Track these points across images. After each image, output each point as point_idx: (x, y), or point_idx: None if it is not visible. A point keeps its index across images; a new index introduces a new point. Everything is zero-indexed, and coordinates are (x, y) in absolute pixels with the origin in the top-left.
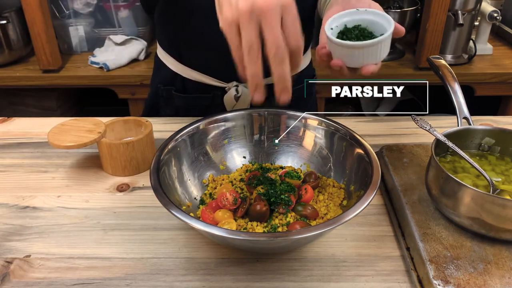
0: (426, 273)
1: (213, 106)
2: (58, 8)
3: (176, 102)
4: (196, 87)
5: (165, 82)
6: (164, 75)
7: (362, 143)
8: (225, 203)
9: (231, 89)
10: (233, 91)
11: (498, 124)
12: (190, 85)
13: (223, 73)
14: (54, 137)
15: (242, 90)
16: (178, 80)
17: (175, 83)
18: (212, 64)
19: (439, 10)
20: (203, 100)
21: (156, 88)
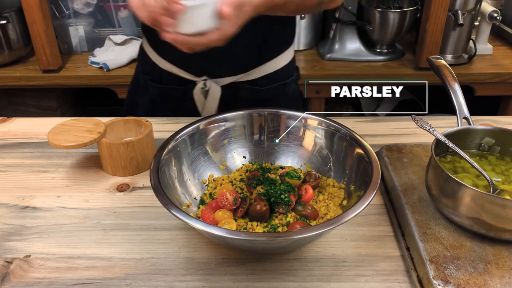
0: (426, 273)
1: (185, 99)
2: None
3: (150, 92)
4: (171, 78)
5: (144, 71)
6: (145, 64)
7: (362, 143)
8: (225, 203)
9: (199, 83)
10: (201, 85)
11: (498, 124)
12: (165, 76)
13: (195, 67)
14: (54, 137)
15: (210, 84)
16: (156, 70)
17: (153, 72)
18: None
19: (439, 10)
20: (175, 92)
21: (136, 74)
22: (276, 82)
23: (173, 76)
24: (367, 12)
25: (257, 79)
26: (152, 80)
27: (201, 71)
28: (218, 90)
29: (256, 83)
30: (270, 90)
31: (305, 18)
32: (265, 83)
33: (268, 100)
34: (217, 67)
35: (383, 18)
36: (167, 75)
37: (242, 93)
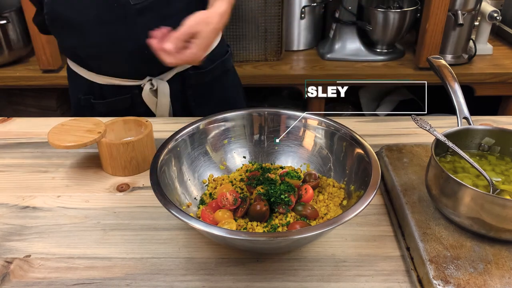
0: (426, 273)
1: (135, 106)
2: None
3: (97, 110)
4: (114, 91)
5: (84, 91)
6: (81, 85)
7: (362, 143)
8: (225, 203)
9: (145, 85)
10: (148, 86)
11: (498, 124)
12: (107, 90)
13: (134, 72)
14: (54, 137)
15: (157, 82)
16: (95, 87)
17: (93, 91)
18: (120, 67)
19: (439, 10)
20: (123, 102)
21: (77, 100)
22: (216, 59)
23: (116, 87)
24: (367, 12)
25: None
26: (96, 98)
27: (142, 73)
28: (166, 85)
29: (199, 67)
30: (213, 70)
31: (305, 18)
32: (207, 64)
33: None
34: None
35: (383, 18)
36: (109, 89)
37: (189, 81)
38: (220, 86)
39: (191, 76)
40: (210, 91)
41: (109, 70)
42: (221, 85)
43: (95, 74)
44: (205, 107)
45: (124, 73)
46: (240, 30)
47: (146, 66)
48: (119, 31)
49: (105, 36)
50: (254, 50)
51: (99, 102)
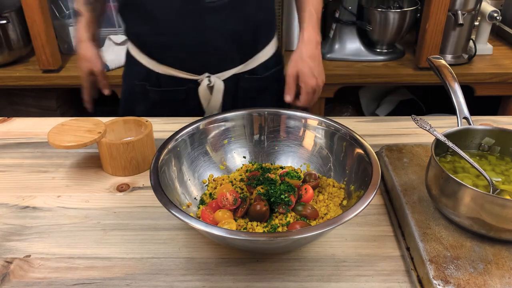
0: (426, 273)
1: (188, 100)
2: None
3: (151, 97)
4: (170, 81)
5: (139, 78)
6: (138, 71)
7: (362, 143)
8: (225, 203)
9: (203, 80)
10: (206, 82)
11: (498, 124)
12: (164, 80)
13: (195, 66)
14: (54, 137)
15: (215, 80)
16: (152, 75)
17: (149, 78)
18: (183, 59)
19: (439, 10)
20: (178, 93)
21: (131, 85)
22: (271, 68)
23: (173, 78)
24: (367, 12)
25: (254, 68)
26: (152, 85)
27: (202, 69)
28: (221, 84)
29: (255, 72)
30: (267, 77)
31: None
32: (263, 71)
33: (266, 88)
34: (218, 63)
35: (383, 18)
36: (166, 79)
37: (243, 84)
38: (270, 93)
39: (245, 79)
40: (260, 97)
41: (171, 61)
42: (271, 92)
43: (156, 62)
44: None
45: (185, 66)
46: None
47: (208, 62)
48: (190, 25)
49: (176, 28)
50: None
51: (154, 90)
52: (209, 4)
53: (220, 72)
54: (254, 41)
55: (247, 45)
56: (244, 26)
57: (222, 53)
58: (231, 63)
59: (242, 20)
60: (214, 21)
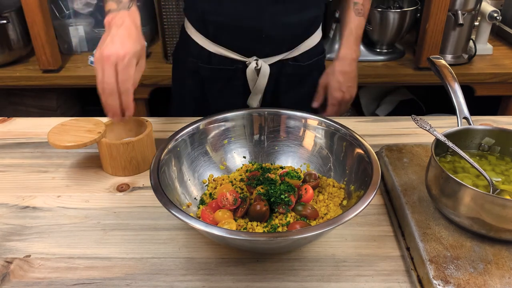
0: (426, 273)
1: (235, 79)
2: (58, 8)
3: (201, 74)
4: (220, 60)
5: (192, 55)
6: (191, 49)
7: (362, 143)
8: (225, 203)
9: (251, 63)
10: (254, 64)
11: (498, 124)
12: (215, 58)
13: (245, 49)
14: (54, 137)
15: (262, 63)
16: (204, 53)
17: (201, 56)
18: (235, 41)
19: (439, 10)
20: (226, 72)
21: (184, 61)
22: (313, 57)
23: (223, 57)
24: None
25: (298, 56)
26: (203, 62)
27: (251, 52)
28: (267, 68)
29: (298, 59)
30: (310, 65)
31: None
32: (306, 59)
33: (307, 75)
34: (267, 49)
35: (383, 18)
36: (217, 57)
37: (286, 70)
38: (310, 81)
39: (289, 66)
40: (301, 83)
41: (224, 41)
42: (311, 80)
43: (209, 41)
44: (292, 96)
45: (236, 47)
46: None
47: (259, 47)
48: (251, 11)
49: (237, 11)
50: None
51: (205, 67)
52: None
53: (267, 57)
54: (303, 32)
55: (297, 35)
56: (299, 18)
57: (274, 40)
58: (279, 49)
59: (298, 12)
60: (273, 11)
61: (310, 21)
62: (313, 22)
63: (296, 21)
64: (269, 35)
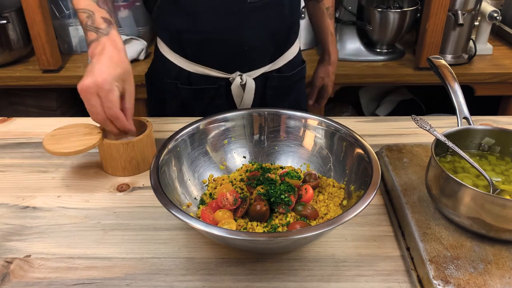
0: (426, 273)
1: (219, 97)
2: (58, 8)
3: (182, 95)
4: (202, 79)
5: (170, 77)
6: (168, 70)
7: (362, 143)
8: (225, 203)
9: (236, 79)
10: (238, 80)
11: (498, 124)
12: (195, 78)
13: (227, 65)
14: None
15: (246, 78)
16: (183, 74)
17: (180, 77)
18: (217, 57)
19: (439, 10)
20: (209, 91)
21: (160, 83)
22: (296, 67)
23: (204, 76)
24: (367, 12)
25: (282, 67)
26: (183, 83)
27: (235, 67)
28: (252, 82)
29: (282, 70)
30: (294, 75)
31: (305, 18)
32: (289, 70)
33: (291, 86)
34: (250, 62)
35: (383, 18)
36: (198, 77)
37: (271, 82)
38: (295, 90)
39: (274, 78)
40: (287, 93)
41: (204, 60)
42: (296, 90)
43: (187, 61)
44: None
45: (218, 64)
46: None
47: (241, 61)
48: (231, 23)
49: (216, 26)
50: None
51: (186, 88)
52: (250, 4)
53: (251, 70)
54: (285, 40)
55: (279, 44)
56: (280, 25)
57: (257, 51)
58: (261, 62)
59: (279, 19)
60: (254, 20)
61: (289, 28)
62: (292, 28)
63: (276, 29)
64: (251, 47)
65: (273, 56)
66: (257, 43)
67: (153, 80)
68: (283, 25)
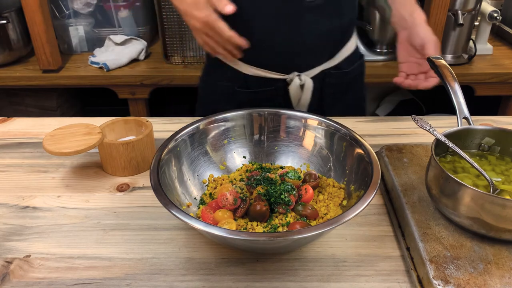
0: (426, 273)
1: (276, 98)
2: (58, 8)
3: (238, 98)
4: (258, 81)
5: (225, 79)
6: (222, 73)
7: (362, 143)
8: (225, 203)
9: (294, 79)
10: (297, 80)
11: (498, 124)
12: (251, 80)
13: (284, 66)
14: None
15: (305, 78)
16: (239, 76)
17: (235, 79)
18: (273, 59)
19: (439, 10)
20: (266, 93)
21: (215, 86)
22: (354, 62)
23: (261, 79)
24: (367, 12)
25: (340, 63)
26: (240, 86)
27: (292, 67)
28: (311, 82)
29: (340, 67)
30: (352, 70)
31: None
32: (347, 65)
33: (350, 83)
34: (308, 61)
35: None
36: (254, 80)
37: (330, 80)
38: (354, 87)
39: (332, 75)
40: (346, 91)
41: (260, 62)
42: (355, 86)
43: (243, 63)
44: (338, 106)
45: (274, 66)
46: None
47: (299, 61)
48: (287, 24)
49: (271, 27)
50: None
51: (243, 91)
52: (309, 3)
53: (308, 69)
54: (342, 38)
55: (337, 42)
56: (338, 23)
57: (314, 51)
58: (319, 60)
59: (337, 17)
60: (312, 19)
61: (347, 25)
62: (350, 26)
63: (333, 27)
64: (309, 46)
65: (331, 53)
66: (314, 43)
67: (206, 84)
68: (341, 23)
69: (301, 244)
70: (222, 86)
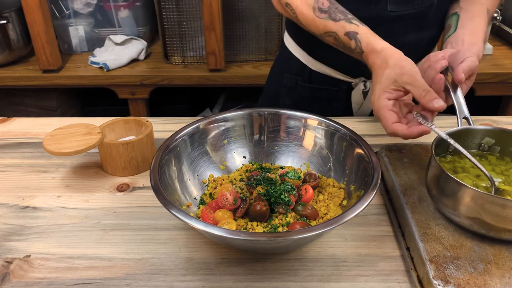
0: (426, 273)
1: (337, 100)
2: (58, 8)
3: (299, 92)
4: (322, 79)
5: (291, 72)
6: (291, 65)
7: (362, 143)
8: (225, 203)
9: (359, 84)
10: (361, 86)
11: (498, 124)
12: (316, 77)
13: (352, 69)
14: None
15: (370, 85)
16: (305, 71)
17: (301, 73)
18: (341, 60)
19: None
20: (328, 92)
21: (281, 77)
22: None
23: (326, 76)
24: None
25: None
26: (303, 80)
27: (359, 72)
28: None
29: None
30: None
31: None
32: None
33: None
34: None
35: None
36: (319, 76)
37: None
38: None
39: None
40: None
41: (330, 60)
42: None
43: (312, 59)
44: None
45: (342, 67)
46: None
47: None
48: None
49: None
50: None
51: (305, 85)
52: (391, 13)
53: None
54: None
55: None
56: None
57: None
58: None
59: (419, 31)
60: (391, 29)
61: (429, 41)
62: (432, 40)
63: (414, 41)
64: None
65: None
66: None
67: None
68: (422, 37)
69: (301, 244)
70: (287, 78)
